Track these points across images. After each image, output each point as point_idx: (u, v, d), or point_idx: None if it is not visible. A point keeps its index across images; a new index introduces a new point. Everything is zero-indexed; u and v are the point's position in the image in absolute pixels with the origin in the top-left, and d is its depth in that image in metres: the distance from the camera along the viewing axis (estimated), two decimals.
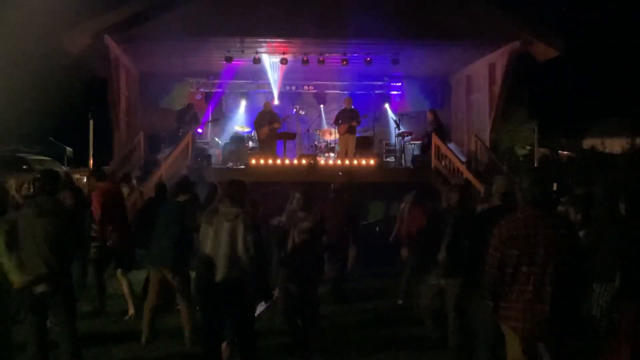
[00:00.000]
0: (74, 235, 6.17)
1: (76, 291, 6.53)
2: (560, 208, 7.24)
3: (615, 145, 25.20)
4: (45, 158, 22.50)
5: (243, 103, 20.49)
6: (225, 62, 17.34)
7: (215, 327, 6.14)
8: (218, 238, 5.96)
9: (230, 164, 17.30)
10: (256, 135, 18.02)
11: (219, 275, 5.90)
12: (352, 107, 17.67)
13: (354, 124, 17.31)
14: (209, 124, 19.32)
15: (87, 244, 8.56)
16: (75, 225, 6.41)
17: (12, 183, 9.94)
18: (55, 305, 5.89)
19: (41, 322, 5.92)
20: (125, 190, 11.55)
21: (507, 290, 4.52)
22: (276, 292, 7.58)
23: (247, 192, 6.47)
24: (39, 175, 6.42)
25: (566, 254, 4.45)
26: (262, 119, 17.69)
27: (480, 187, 13.63)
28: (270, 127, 17.50)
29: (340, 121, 17.43)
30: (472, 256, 5.67)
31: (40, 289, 5.63)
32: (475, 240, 5.63)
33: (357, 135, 17.80)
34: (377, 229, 11.01)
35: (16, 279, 5.55)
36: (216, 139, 19.12)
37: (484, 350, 5.71)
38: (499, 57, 17.13)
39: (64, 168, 22.04)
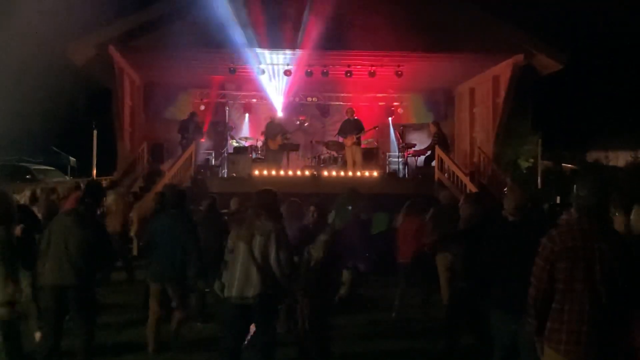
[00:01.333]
0: (106, 245, 6.40)
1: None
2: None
3: (619, 159, 25.15)
4: (49, 168, 22.51)
5: (246, 114, 20.53)
6: (229, 73, 17.37)
7: (237, 343, 5.94)
8: (250, 253, 5.72)
9: (233, 175, 17.30)
10: (266, 146, 18.02)
11: (250, 292, 5.68)
12: (355, 117, 17.66)
13: (361, 135, 17.34)
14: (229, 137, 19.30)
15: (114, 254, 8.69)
16: (107, 235, 6.63)
17: (26, 192, 10.10)
18: (75, 312, 6.10)
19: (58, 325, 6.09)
20: (110, 197, 11.57)
21: (557, 308, 4.05)
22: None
23: (278, 203, 6.16)
24: (81, 186, 6.63)
25: (625, 272, 4.01)
26: (273, 129, 17.72)
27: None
28: (283, 136, 17.55)
29: (345, 132, 17.44)
30: (485, 264, 5.66)
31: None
32: (491, 250, 5.59)
33: (362, 147, 17.82)
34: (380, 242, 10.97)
35: None
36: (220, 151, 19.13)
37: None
38: (502, 70, 17.16)
39: (67, 178, 22.06)
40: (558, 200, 15.35)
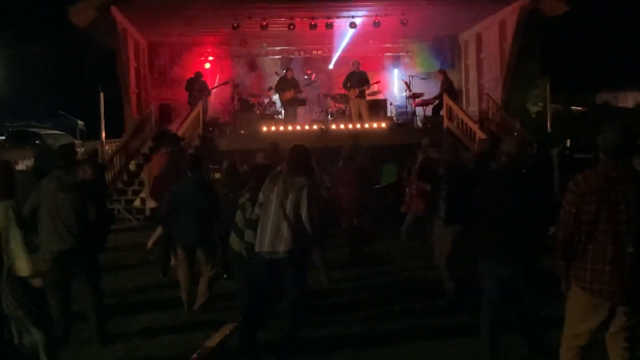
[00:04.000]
0: (95, 206, 6.29)
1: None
2: None
3: (628, 99, 24.99)
4: (58, 132, 22.60)
5: (252, 70, 20.42)
6: (233, 29, 17.24)
7: (259, 303, 6.04)
8: (282, 207, 5.70)
9: (241, 132, 17.31)
10: (279, 98, 18.07)
11: (282, 247, 5.68)
12: (360, 69, 17.53)
13: (365, 88, 17.23)
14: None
15: (110, 216, 8.68)
16: (95, 197, 6.53)
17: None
18: (79, 271, 6.27)
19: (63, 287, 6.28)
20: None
21: (581, 248, 4.19)
22: None
23: (310, 158, 6.11)
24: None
25: None
26: (285, 84, 17.75)
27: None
28: (296, 90, 17.64)
29: (349, 84, 17.31)
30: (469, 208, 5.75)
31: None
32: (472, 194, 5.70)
33: (368, 98, 17.73)
34: (391, 193, 11.03)
35: (25, 267, 5.12)
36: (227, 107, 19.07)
37: (487, 308, 5.60)
38: (509, 14, 16.94)
39: (77, 141, 22.16)
40: (568, 143, 15.33)
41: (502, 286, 5.50)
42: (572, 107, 24.75)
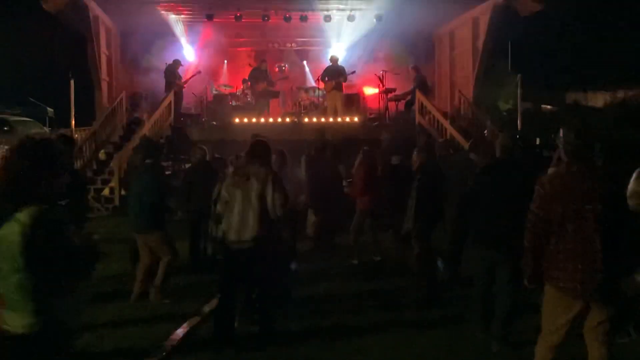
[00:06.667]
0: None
1: None
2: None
3: (597, 99, 25.32)
4: (27, 119, 22.28)
5: (225, 61, 20.30)
6: (206, 19, 17.13)
7: (232, 292, 6.12)
8: (247, 198, 5.89)
9: (213, 123, 17.22)
10: (251, 90, 17.95)
11: (247, 235, 5.86)
12: (338, 64, 17.52)
13: (341, 79, 17.21)
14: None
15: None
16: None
17: None
18: None
19: None
20: None
21: (551, 249, 4.28)
22: None
23: (270, 151, 6.36)
24: None
25: (615, 209, 4.21)
26: (259, 74, 17.70)
27: (463, 142, 13.70)
28: (270, 83, 17.61)
29: (326, 78, 17.29)
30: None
31: None
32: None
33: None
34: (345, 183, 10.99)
35: None
36: (198, 96, 18.91)
37: (477, 297, 5.98)
38: (482, 12, 17.07)
39: (46, 129, 21.87)
40: (537, 141, 15.48)
41: (492, 271, 5.79)
42: (542, 105, 25.02)
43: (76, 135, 16.65)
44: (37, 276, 3.06)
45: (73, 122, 17.00)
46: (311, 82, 19.30)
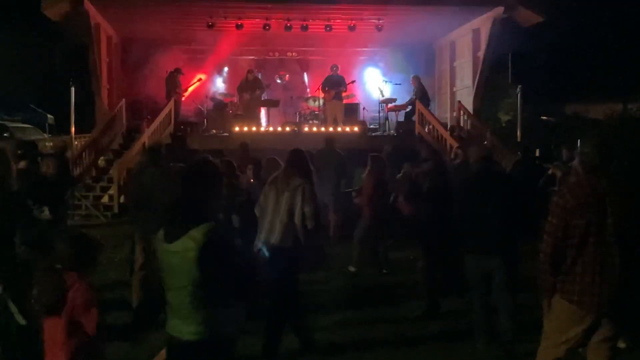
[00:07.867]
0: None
1: None
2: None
3: (598, 112, 25.27)
4: (27, 126, 22.27)
5: (225, 70, 20.31)
6: (207, 28, 17.15)
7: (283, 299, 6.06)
8: (278, 205, 5.94)
9: (213, 131, 17.20)
10: (240, 99, 17.89)
11: (274, 241, 5.88)
12: (338, 73, 17.50)
13: (341, 89, 17.19)
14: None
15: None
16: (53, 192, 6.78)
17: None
18: None
19: None
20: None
21: (569, 262, 4.17)
22: None
23: (308, 161, 6.31)
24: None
25: (634, 223, 4.14)
26: (245, 85, 17.58)
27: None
28: (253, 94, 17.41)
29: (326, 88, 17.26)
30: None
31: None
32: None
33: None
34: (354, 194, 10.90)
35: None
36: (199, 107, 18.92)
37: (477, 299, 6.04)
38: (483, 23, 17.10)
39: (45, 135, 21.85)
40: (537, 153, 15.45)
41: (487, 278, 5.89)
42: (542, 117, 24.98)
43: (75, 142, 16.64)
44: (208, 289, 3.35)
45: (73, 129, 16.96)
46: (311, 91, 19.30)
